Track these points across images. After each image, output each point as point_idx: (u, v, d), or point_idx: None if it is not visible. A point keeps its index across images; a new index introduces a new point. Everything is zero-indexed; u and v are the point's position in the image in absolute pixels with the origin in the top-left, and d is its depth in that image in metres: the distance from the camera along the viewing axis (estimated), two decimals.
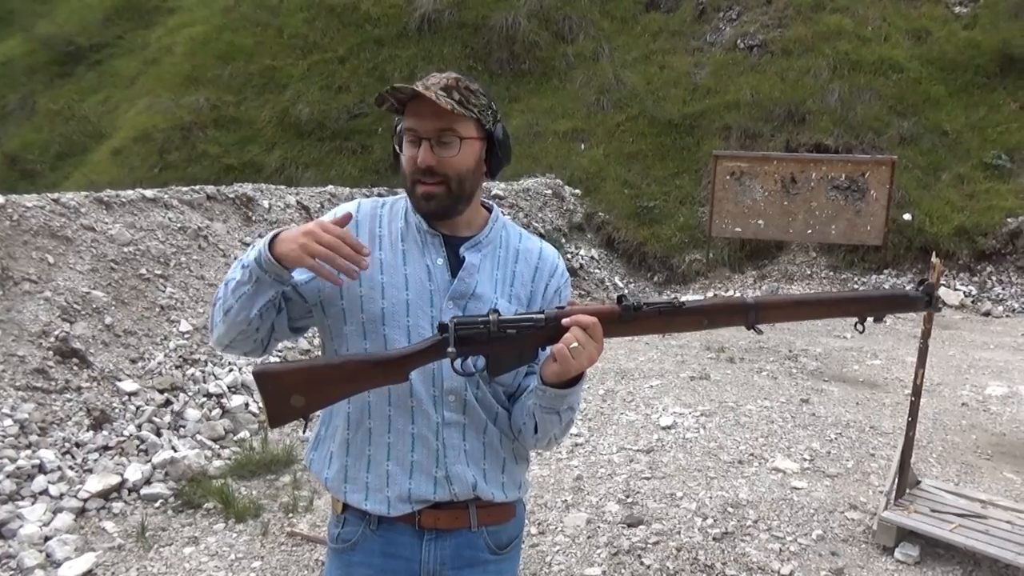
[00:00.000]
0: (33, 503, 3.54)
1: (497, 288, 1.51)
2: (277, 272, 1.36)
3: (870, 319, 1.45)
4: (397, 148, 1.47)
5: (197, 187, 6.50)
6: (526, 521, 3.65)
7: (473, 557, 1.52)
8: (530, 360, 1.44)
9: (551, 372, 1.38)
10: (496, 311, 1.38)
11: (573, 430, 4.85)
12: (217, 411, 4.65)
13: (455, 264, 1.49)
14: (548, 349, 1.38)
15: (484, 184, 1.59)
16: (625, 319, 1.39)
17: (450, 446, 1.47)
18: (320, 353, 1.59)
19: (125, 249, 5.19)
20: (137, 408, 4.35)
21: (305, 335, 4.19)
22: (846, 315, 1.48)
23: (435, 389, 1.46)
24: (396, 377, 1.39)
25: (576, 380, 1.41)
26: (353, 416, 1.49)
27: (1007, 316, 9.06)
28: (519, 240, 1.59)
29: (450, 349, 1.35)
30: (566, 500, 3.90)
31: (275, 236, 1.36)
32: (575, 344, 1.33)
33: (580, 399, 1.50)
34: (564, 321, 1.35)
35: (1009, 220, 9.82)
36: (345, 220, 1.40)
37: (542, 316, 1.38)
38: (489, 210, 1.58)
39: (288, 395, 1.38)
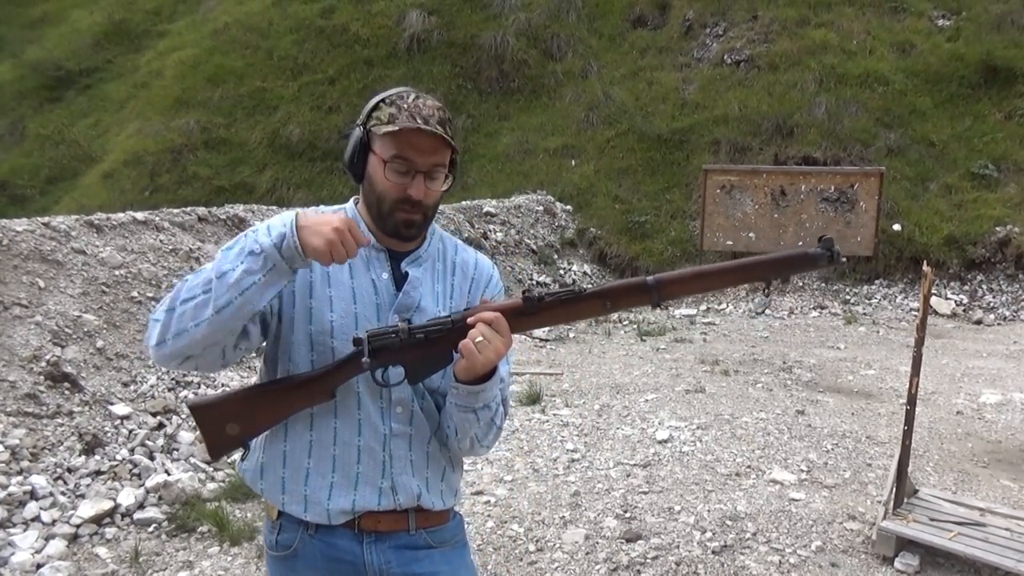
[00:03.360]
0: (25, 530, 3.50)
1: (439, 301, 1.55)
2: (299, 259, 1.31)
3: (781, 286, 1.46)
4: (380, 158, 1.44)
5: (188, 209, 6.50)
6: (524, 539, 3.63)
7: (416, 552, 1.55)
8: (446, 364, 1.47)
9: (460, 368, 1.42)
10: (407, 320, 1.43)
11: (569, 445, 4.83)
12: None
13: (399, 278, 1.52)
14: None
15: (476, 201, 1.62)
16: (529, 311, 1.44)
17: (396, 457, 1.50)
18: (262, 358, 1.58)
19: (116, 272, 5.17)
20: (130, 432, 4.31)
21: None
22: (750, 280, 1.50)
23: (383, 401, 1.49)
24: (321, 396, 1.41)
25: (487, 377, 1.44)
26: (292, 428, 1.49)
27: (998, 324, 9.10)
28: (455, 252, 1.63)
29: (364, 359, 1.38)
30: (564, 516, 3.88)
31: (298, 221, 1.30)
32: (479, 338, 1.37)
33: (496, 398, 1.51)
34: (469, 320, 1.40)
35: (998, 228, 9.89)
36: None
37: (449, 319, 1.43)
38: None
39: (223, 424, 1.42)
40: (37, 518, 3.58)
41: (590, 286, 1.47)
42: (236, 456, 1.56)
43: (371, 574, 1.52)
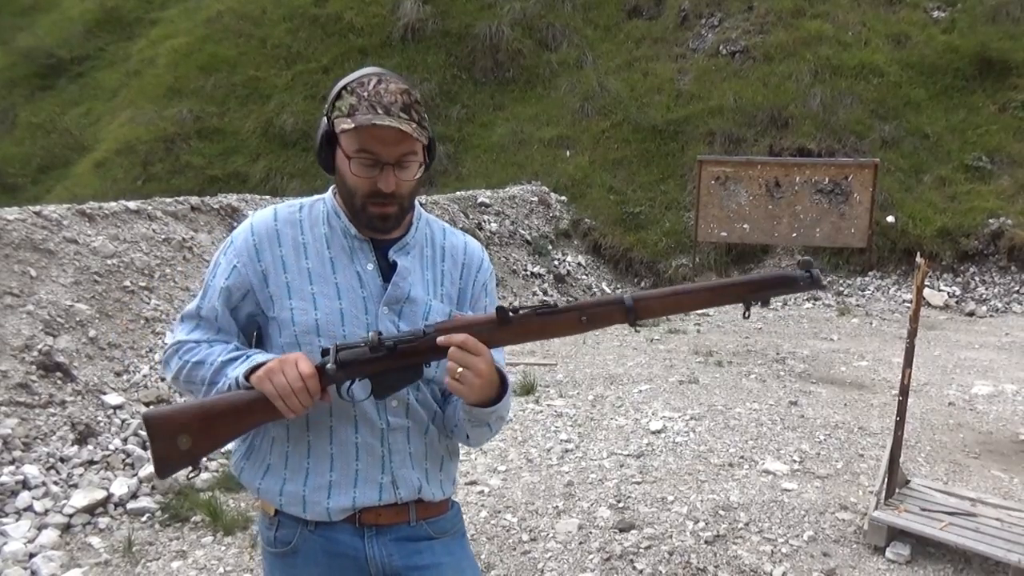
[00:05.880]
0: (17, 520, 3.49)
1: (429, 289, 1.51)
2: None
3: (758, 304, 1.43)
4: (345, 153, 1.39)
5: (181, 198, 6.46)
6: (518, 528, 3.64)
7: (418, 544, 1.53)
8: (416, 378, 1.43)
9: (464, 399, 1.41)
10: (378, 332, 1.37)
11: (563, 436, 4.85)
12: None
13: (385, 268, 1.47)
14: (433, 364, 1.41)
15: (470, 191, 1.59)
16: (502, 325, 1.39)
17: (395, 451, 1.47)
18: None
19: (109, 261, 5.15)
20: (122, 422, 4.30)
21: None
22: (729, 302, 1.45)
23: None
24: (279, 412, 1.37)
25: (499, 396, 1.42)
26: (292, 430, 1.46)
27: (991, 316, 9.14)
28: (443, 237, 1.58)
29: (330, 366, 1.32)
30: (557, 506, 3.89)
31: (255, 367, 1.37)
32: (459, 369, 1.33)
33: (509, 407, 1.50)
34: (438, 340, 1.35)
35: (991, 221, 9.93)
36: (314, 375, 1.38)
37: (421, 332, 1.38)
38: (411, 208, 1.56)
39: (176, 436, 1.33)
40: (30, 508, 3.57)
41: (566, 300, 1.46)
42: (230, 446, 1.53)
43: (373, 568, 1.49)
